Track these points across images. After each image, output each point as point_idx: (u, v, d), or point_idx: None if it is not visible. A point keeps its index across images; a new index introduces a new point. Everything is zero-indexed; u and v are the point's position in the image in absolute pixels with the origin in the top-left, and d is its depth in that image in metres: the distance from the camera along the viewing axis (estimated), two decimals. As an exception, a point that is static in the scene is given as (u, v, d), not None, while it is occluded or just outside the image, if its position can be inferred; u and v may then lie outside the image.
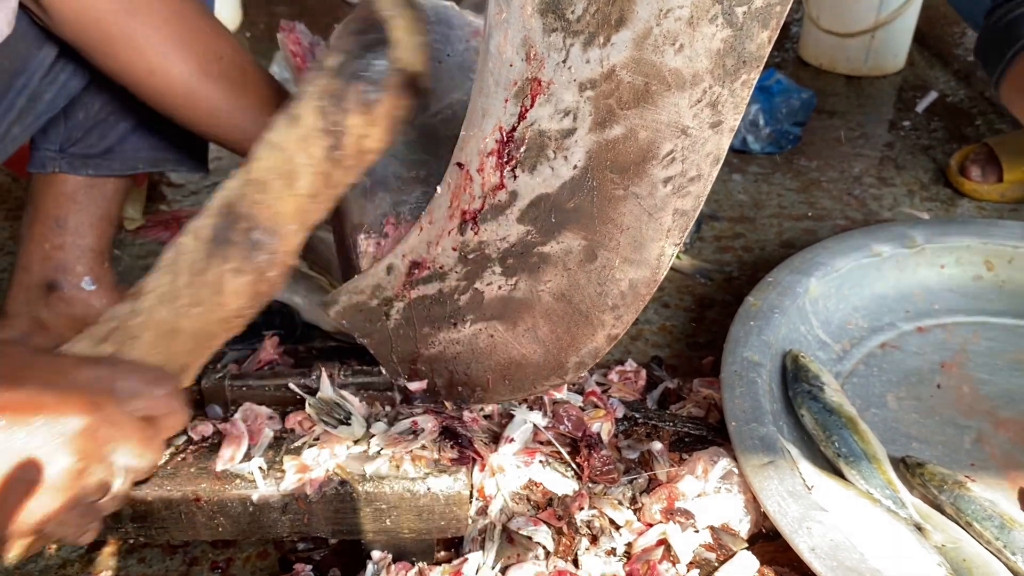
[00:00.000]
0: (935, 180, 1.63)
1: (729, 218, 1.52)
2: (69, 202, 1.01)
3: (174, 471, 0.85)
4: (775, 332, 1.10)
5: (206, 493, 0.83)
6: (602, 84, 0.67)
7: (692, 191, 0.73)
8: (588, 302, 0.82)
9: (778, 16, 0.63)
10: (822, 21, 1.99)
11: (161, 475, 0.84)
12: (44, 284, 1.03)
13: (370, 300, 0.86)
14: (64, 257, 1.03)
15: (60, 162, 1.00)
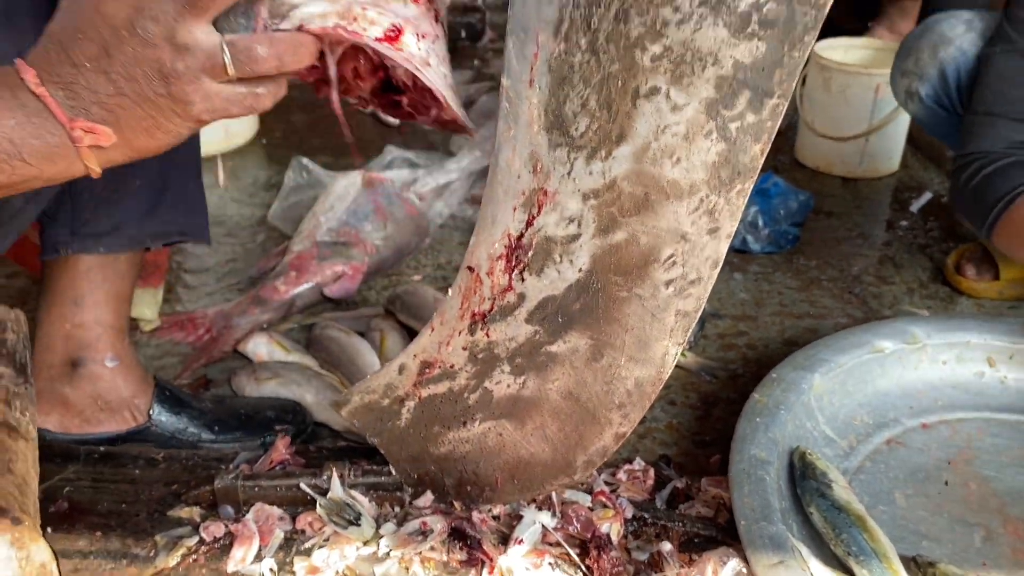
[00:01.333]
0: (933, 278, 1.66)
1: (732, 316, 1.55)
2: (84, 281, 1.05)
3: (186, 572, 0.85)
4: (781, 429, 1.11)
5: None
6: (604, 194, 0.71)
7: (693, 293, 0.77)
8: (595, 401, 0.84)
9: (769, 131, 0.67)
10: (817, 126, 2.06)
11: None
12: (68, 362, 1.06)
13: (382, 399, 0.88)
14: (86, 335, 1.06)
15: (72, 244, 1.03)
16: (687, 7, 0.62)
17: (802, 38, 0.62)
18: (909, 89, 1.56)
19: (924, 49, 1.52)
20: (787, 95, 0.65)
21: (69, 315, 1.06)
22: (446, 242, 1.73)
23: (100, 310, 1.06)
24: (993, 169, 1.33)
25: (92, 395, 1.08)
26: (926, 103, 1.54)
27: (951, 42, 1.48)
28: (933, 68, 1.50)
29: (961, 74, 1.48)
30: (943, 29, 1.51)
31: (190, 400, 1.15)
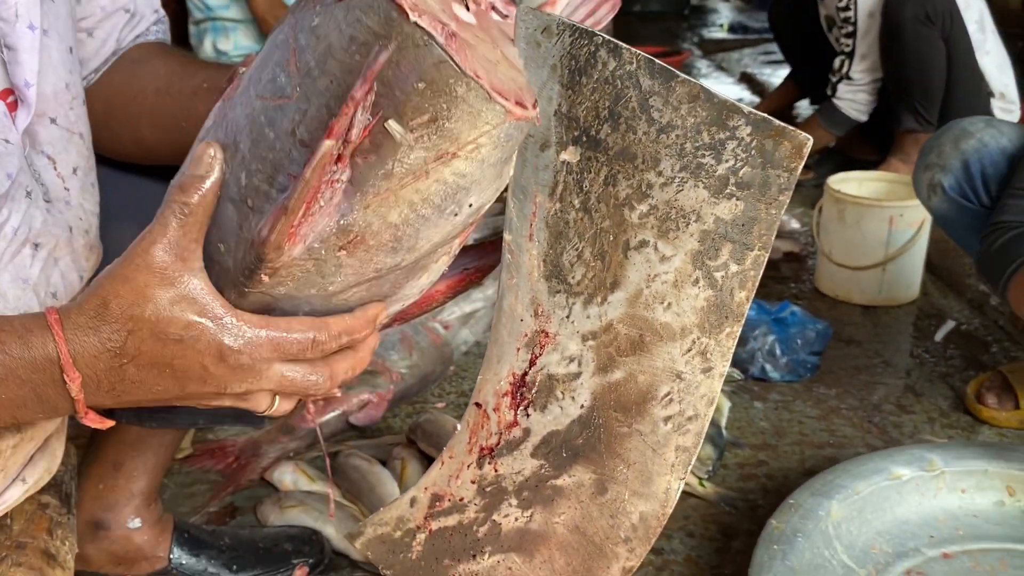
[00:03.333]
0: (954, 407, 1.67)
1: (751, 445, 1.56)
2: (129, 449, 1.09)
3: None
4: (799, 557, 1.11)
5: None
6: (602, 335, 0.76)
7: (691, 429, 0.80)
8: (601, 534, 0.86)
9: (753, 279, 0.72)
10: (834, 256, 2.11)
11: None
12: (92, 522, 1.09)
13: (394, 532, 0.91)
14: (115, 498, 1.10)
15: (129, 414, 1.05)
16: (669, 172, 0.68)
17: (777, 197, 0.68)
18: (932, 182, 1.58)
19: (946, 143, 1.56)
20: (767, 246, 0.70)
21: (105, 476, 1.09)
22: (471, 368, 1.78)
23: (136, 478, 1.10)
24: (1017, 234, 1.35)
25: (110, 553, 1.11)
26: (949, 195, 1.56)
27: (972, 135, 1.53)
28: (956, 160, 1.54)
29: (984, 165, 1.51)
30: (964, 125, 1.57)
31: (208, 539, 1.18)
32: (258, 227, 0.63)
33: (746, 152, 0.66)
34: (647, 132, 0.67)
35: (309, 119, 0.61)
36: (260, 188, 0.63)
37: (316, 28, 0.61)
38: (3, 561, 0.81)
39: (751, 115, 0.65)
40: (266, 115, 0.63)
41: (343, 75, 0.60)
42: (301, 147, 0.62)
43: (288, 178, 0.62)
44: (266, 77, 0.64)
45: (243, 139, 0.64)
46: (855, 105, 2.77)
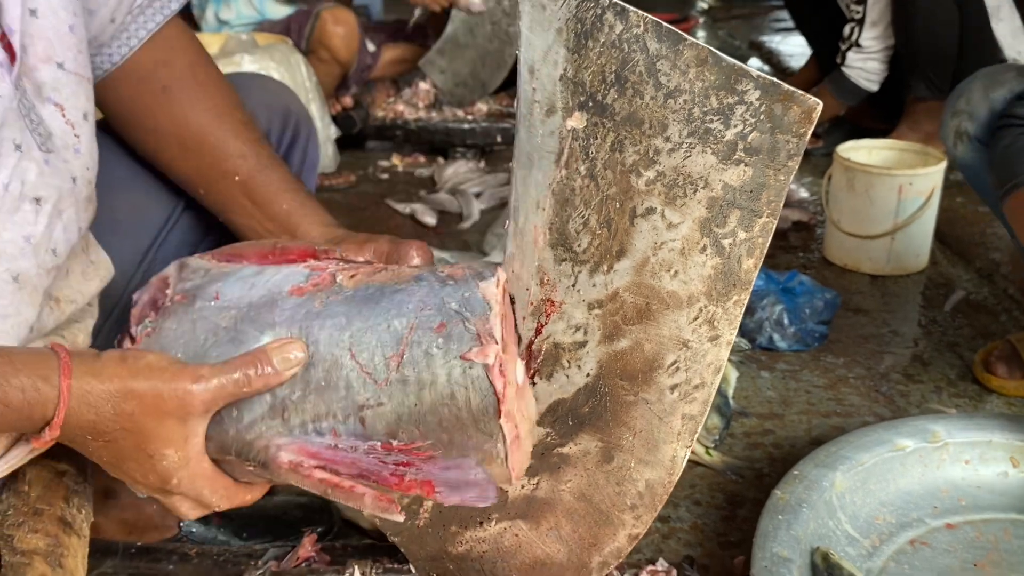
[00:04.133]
0: (962, 377, 1.66)
1: (758, 415, 1.56)
2: None
3: (211, 668, 0.88)
4: (804, 527, 1.11)
5: None
6: (608, 304, 0.76)
7: (698, 397, 0.80)
8: (608, 502, 0.86)
9: (761, 246, 0.72)
10: (843, 224, 2.10)
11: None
12: (101, 491, 1.10)
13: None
14: None
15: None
16: (677, 137, 0.67)
17: (786, 163, 0.67)
18: (959, 129, 1.55)
19: (976, 90, 1.53)
20: (776, 213, 0.70)
21: None
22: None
23: None
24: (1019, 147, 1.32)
25: (120, 521, 1.12)
26: (974, 144, 1.53)
27: (1003, 84, 1.50)
28: (984, 108, 1.50)
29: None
30: (995, 72, 1.54)
31: None
32: (280, 446, 0.75)
33: (755, 117, 0.65)
34: (654, 97, 0.66)
35: (380, 418, 0.74)
36: (300, 411, 0.74)
37: (430, 356, 0.74)
38: (20, 527, 0.82)
39: (760, 79, 0.64)
40: (348, 374, 0.74)
41: (426, 422, 0.74)
42: (358, 424, 0.74)
43: (331, 432, 0.75)
44: (367, 340, 0.74)
45: (317, 367, 0.74)
46: (865, 74, 2.73)
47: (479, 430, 0.74)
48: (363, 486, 0.75)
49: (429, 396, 0.72)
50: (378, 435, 0.73)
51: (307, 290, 0.77)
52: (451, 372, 0.72)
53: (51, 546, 0.82)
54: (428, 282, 0.77)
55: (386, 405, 0.73)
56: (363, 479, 0.73)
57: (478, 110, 3.00)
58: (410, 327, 0.73)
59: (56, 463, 0.88)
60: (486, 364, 0.73)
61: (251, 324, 0.75)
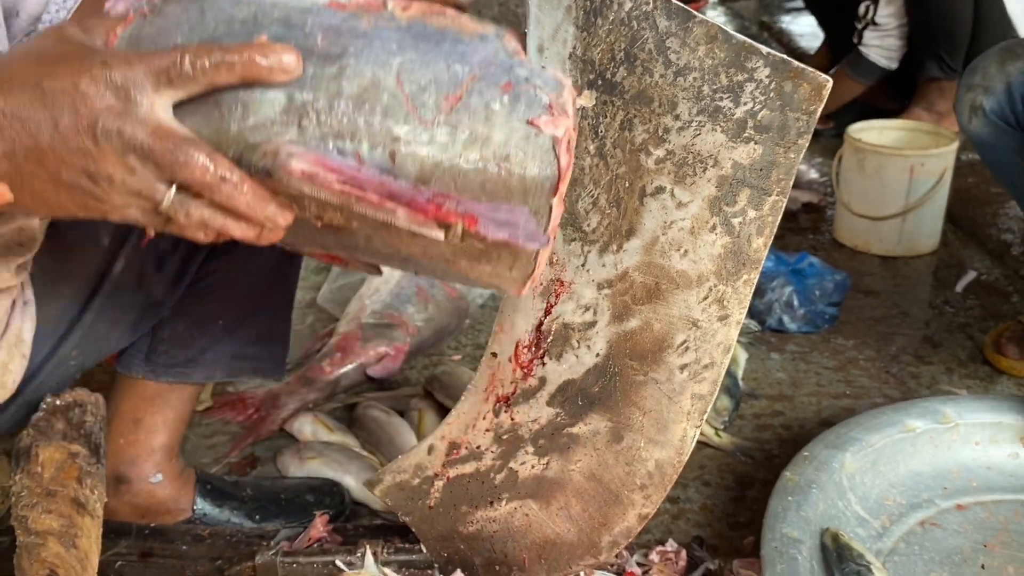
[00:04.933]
0: (973, 358, 1.66)
1: (768, 396, 1.56)
2: (148, 405, 1.10)
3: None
4: (814, 508, 1.11)
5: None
6: (618, 283, 0.76)
7: (707, 377, 0.80)
8: (617, 482, 0.87)
9: (771, 225, 0.71)
10: (853, 206, 2.08)
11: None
12: (114, 477, 1.11)
13: (412, 479, 0.92)
14: (136, 453, 1.11)
15: (144, 369, 1.09)
16: (686, 115, 0.67)
17: (796, 141, 0.67)
18: (974, 103, 1.53)
19: (992, 64, 1.51)
20: (785, 192, 0.70)
21: (125, 432, 1.11)
22: (487, 321, 1.78)
23: (156, 433, 1.11)
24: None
25: (133, 506, 1.13)
26: (989, 117, 1.50)
27: (1020, 57, 1.48)
28: (1000, 82, 1.48)
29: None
30: (1012, 46, 1.51)
31: (231, 490, 1.19)
32: (292, 153, 0.61)
33: (764, 94, 0.65)
34: (664, 75, 0.66)
35: (414, 158, 0.63)
36: (322, 122, 0.62)
37: (491, 111, 0.63)
38: (34, 508, 0.83)
39: (770, 56, 0.64)
40: (389, 99, 0.62)
41: (467, 178, 0.63)
42: (386, 158, 0.62)
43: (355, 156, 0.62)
44: (420, 73, 0.63)
45: (351, 80, 0.62)
46: (883, 52, 2.70)
47: (525, 203, 0.64)
48: (392, 203, 0.63)
49: (479, 151, 0.63)
50: (407, 177, 0.63)
51: (349, 8, 0.66)
52: (512, 133, 0.64)
53: (65, 526, 0.82)
54: (494, 45, 0.67)
55: (426, 146, 0.63)
56: (393, 201, 0.62)
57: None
58: (472, 76, 0.64)
59: (69, 445, 0.89)
60: (555, 136, 0.64)
61: (275, 22, 0.63)
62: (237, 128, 0.62)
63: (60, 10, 0.87)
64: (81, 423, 0.90)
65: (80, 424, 0.90)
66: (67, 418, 0.89)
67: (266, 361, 1.17)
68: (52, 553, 0.80)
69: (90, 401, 0.93)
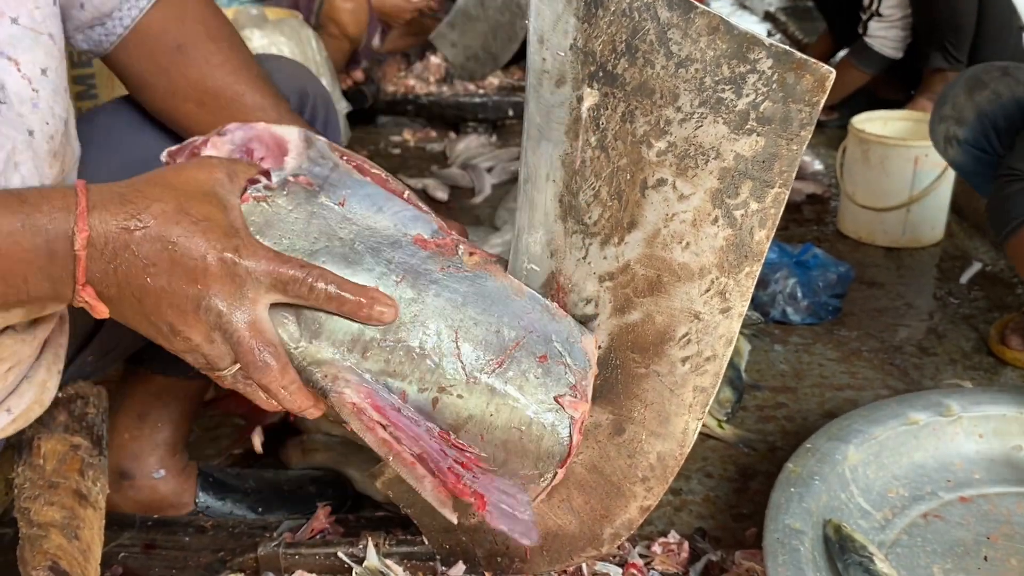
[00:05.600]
0: (977, 349, 1.65)
1: (771, 388, 1.56)
2: (154, 400, 1.10)
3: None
4: (816, 499, 1.11)
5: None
6: (619, 276, 0.76)
7: (709, 369, 0.80)
8: (619, 474, 0.87)
9: (773, 217, 0.71)
10: (857, 197, 2.08)
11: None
12: (118, 471, 1.11)
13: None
14: (140, 448, 1.11)
15: (152, 363, 1.08)
16: (688, 107, 0.67)
17: (798, 133, 0.66)
18: (947, 134, 1.55)
19: (960, 94, 1.52)
20: (788, 184, 0.69)
21: (131, 426, 1.10)
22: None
23: (160, 429, 1.11)
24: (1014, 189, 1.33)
25: (136, 501, 1.14)
26: (965, 148, 1.52)
27: (986, 86, 1.49)
28: (970, 112, 1.50)
29: (998, 118, 1.47)
30: (978, 74, 1.52)
31: (234, 483, 1.20)
32: (348, 381, 0.70)
33: (767, 86, 0.65)
34: (665, 66, 0.65)
35: (453, 408, 0.72)
36: (381, 359, 0.70)
37: (526, 380, 0.74)
38: (36, 500, 0.83)
39: (772, 47, 0.64)
40: (445, 352, 0.71)
41: (493, 435, 0.74)
42: (429, 403, 0.72)
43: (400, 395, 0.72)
44: (475, 332, 0.72)
45: (415, 329, 0.71)
46: (888, 42, 2.69)
47: (535, 467, 0.75)
48: (422, 468, 0.70)
49: (508, 414, 0.72)
50: (443, 423, 0.72)
51: (431, 247, 0.74)
52: (539, 405, 0.73)
53: (67, 518, 0.83)
54: (535, 305, 0.76)
55: (465, 400, 0.71)
56: (421, 461, 0.70)
57: (489, 84, 2.98)
58: (516, 342, 0.73)
59: (71, 437, 0.89)
60: (573, 417, 0.74)
61: (369, 251, 0.71)
62: (306, 342, 0.70)
63: (132, 8, 0.89)
64: (83, 415, 0.91)
65: (82, 416, 0.90)
66: (69, 410, 0.89)
67: None
68: (54, 545, 0.80)
69: (92, 393, 0.93)
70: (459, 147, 2.69)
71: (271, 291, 0.66)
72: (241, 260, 0.65)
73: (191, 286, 0.64)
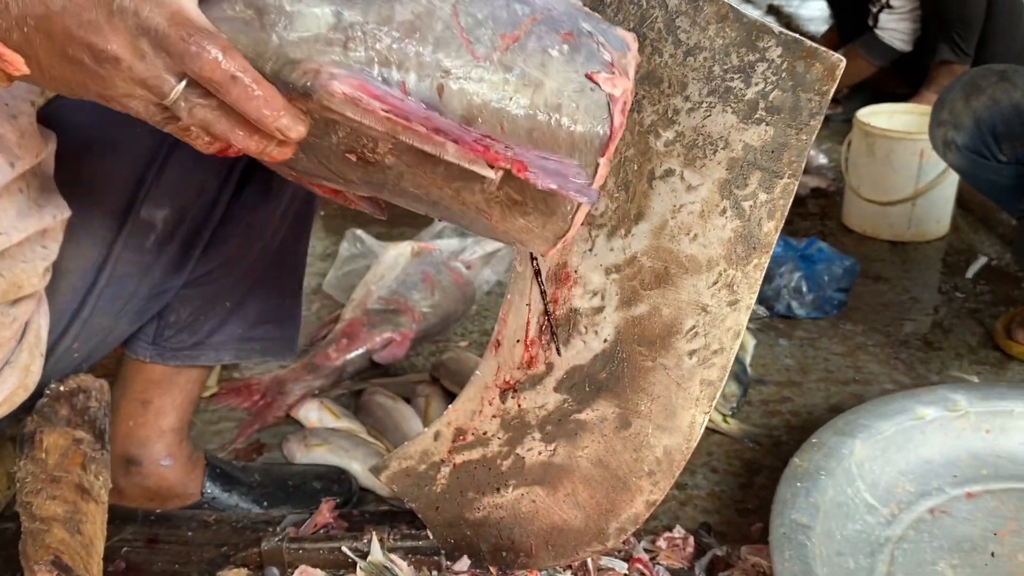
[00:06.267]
0: (983, 344, 1.64)
1: (776, 382, 1.55)
2: (156, 387, 1.09)
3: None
4: (822, 494, 1.11)
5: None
6: (626, 268, 0.75)
7: (716, 362, 0.79)
8: (625, 468, 0.86)
9: (782, 208, 0.70)
10: (862, 191, 2.07)
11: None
12: (125, 458, 1.11)
13: (418, 465, 0.92)
14: (146, 435, 1.10)
15: (151, 352, 1.07)
16: (696, 96, 0.66)
17: (808, 122, 0.66)
18: (946, 139, 1.55)
19: (957, 99, 1.52)
20: (797, 174, 0.68)
21: (134, 414, 1.10)
22: (493, 308, 1.77)
23: (165, 415, 1.11)
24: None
25: (143, 488, 1.13)
26: (963, 152, 1.53)
27: (983, 91, 1.49)
28: (967, 118, 1.50)
29: (996, 123, 1.47)
30: (975, 79, 1.52)
31: (240, 476, 1.19)
32: (334, 75, 0.58)
33: (776, 75, 0.64)
34: (673, 55, 0.65)
35: (461, 95, 0.60)
36: (369, 46, 0.59)
37: (548, 56, 0.60)
38: (39, 494, 0.83)
39: (782, 35, 0.63)
40: (442, 29, 0.60)
41: (515, 123, 0.60)
42: (434, 91, 0.59)
43: (399, 86, 0.59)
44: (478, 6, 0.60)
45: (405, 4, 0.59)
46: (899, 34, 2.68)
47: (572, 157, 0.62)
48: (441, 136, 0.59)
49: (530, 96, 0.60)
50: (452, 114, 0.60)
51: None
52: (567, 83, 0.61)
53: (69, 512, 0.82)
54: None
55: (475, 84, 0.60)
56: (441, 135, 0.59)
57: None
58: (532, 18, 0.61)
59: (73, 431, 0.88)
60: (612, 94, 0.61)
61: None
62: (278, 41, 0.58)
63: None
64: (85, 409, 0.90)
65: (84, 410, 0.90)
66: (71, 404, 0.88)
67: (276, 341, 1.16)
68: (56, 539, 0.80)
69: (94, 387, 0.92)
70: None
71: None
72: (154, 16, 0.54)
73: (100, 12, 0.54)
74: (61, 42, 0.55)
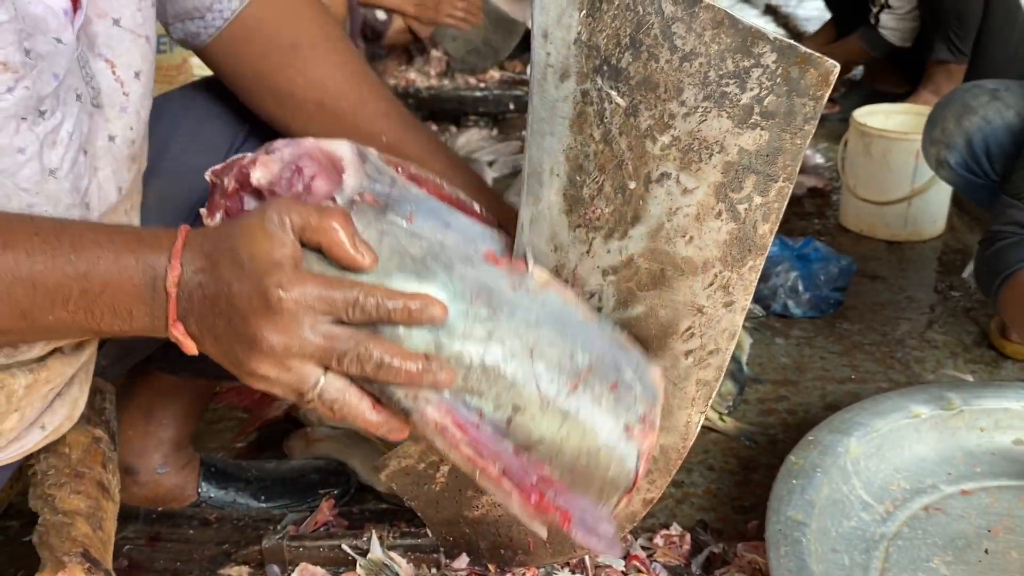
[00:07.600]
0: (978, 342, 1.66)
1: (772, 381, 1.56)
2: (160, 398, 1.10)
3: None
4: (818, 492, 1.12)
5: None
6: (623, 270, 0.76)
7: (712, 363, 0.80)
8: (622, 467, 0.87)
9: (776, 211, 0.71)
10: (859, 190, 2.08)
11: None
12: (122, 467, 1.10)
13: (417, 464, 0.92)
14: (144, 445, 1.11)
15: (160, 363, 1.06)
16: (692, 101, 0.67)
17: (802, 127, 0.67)
18: (938, 158, 1.57)
19: (949, 119, 1.53)
20: (792, 178, 0.69)
21: (136, 423, 1.10)
22: (491, 308, 1.78)
23: (166, 427, 1.11)
24: (1008, 244, 1.34)
25: (139, 496, 1.14)
26: (956, 171, 1.54)
27: (975, 111, 1.50)
28: (959, 137, 1.51)
29: (988, 143, 1.48)
30: (966, 99, 1.53)
31: (235, 472, 1.20)
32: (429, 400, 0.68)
33: (771, 80, 0.65)
34: (669, 60, 0.66)
35: (526, 429, 0.70)
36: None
37: (598, 406, 0.72)
38: (62, 488, 0.84)
39: (777, 41, 0.64)
40: (521, 371, 0.70)
41: (563, 458, 0.72)
42: (504, 421, 0.70)
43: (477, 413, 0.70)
44: (551, 354, 0.71)
45: (493, 347, 0.69)
46: (900, 33, 2.70)
47: (600, 494, 0.74)
48: (508, 483, 0.70)
49: (579, 439, 0.71)
50: (515, 440, 0.71)
51: (502, 264, 0.73)
52: (609, 434, 0.72)
53: (92, 508, 0.83)
54: (605, 330, 0.76)
55: (538, 422, 0.70)
56: (505, 477, 0.70)
57: (490, 77, 2.97)
58: (590, 367, 0.72)
59: (93, 429, 0.89)
60: (640, 449, 0.73)
61: (442, 268, 0.69)
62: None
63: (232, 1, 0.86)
64: (102, 409, 0.91)
65: (101, 410, 0.91)
66: (90, 403, 0.89)
67: None
68: (82, 533, 0.80)
69: (108, 389, 0.93)
70: (460, 141, 2.69)
71: (326, 315, 0.64)
72: (286, 293, 0.63)
73: (246, 327, 0.64)
74: (225, 348, 0.66)
